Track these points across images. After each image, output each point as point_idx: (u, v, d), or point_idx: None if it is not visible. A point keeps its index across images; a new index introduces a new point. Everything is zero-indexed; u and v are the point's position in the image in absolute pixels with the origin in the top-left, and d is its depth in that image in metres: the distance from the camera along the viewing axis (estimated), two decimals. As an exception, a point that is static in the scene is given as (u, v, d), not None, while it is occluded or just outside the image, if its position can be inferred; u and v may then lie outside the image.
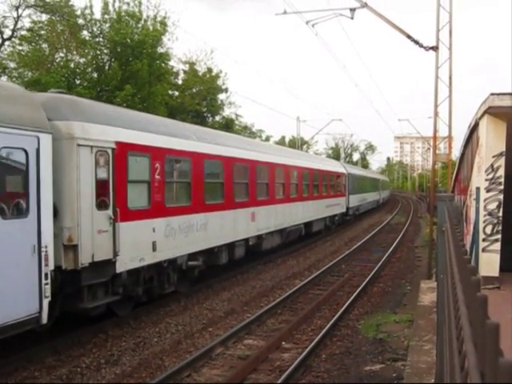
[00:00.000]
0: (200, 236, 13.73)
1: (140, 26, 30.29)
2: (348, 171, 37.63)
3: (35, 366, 8.79)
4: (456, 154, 29.09)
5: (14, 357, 8.81)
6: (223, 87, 41.92)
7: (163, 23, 31.40)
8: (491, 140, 10.90)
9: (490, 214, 11.12)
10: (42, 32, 28.83)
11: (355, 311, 13.04)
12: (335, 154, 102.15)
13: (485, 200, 11.14)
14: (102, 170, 10.16)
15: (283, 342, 10.30)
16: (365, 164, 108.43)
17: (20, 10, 26.72)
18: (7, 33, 27.48)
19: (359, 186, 42.93)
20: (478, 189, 11.29)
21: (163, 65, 32.01)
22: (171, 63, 35.35)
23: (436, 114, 18.39)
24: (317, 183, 27.29)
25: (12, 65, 29.64)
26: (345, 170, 36.95)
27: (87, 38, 29.63)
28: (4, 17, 26.91)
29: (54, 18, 28.06)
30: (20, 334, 8.43)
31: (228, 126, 41.01)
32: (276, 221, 20.05)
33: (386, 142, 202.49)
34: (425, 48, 17.81)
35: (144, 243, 11.33)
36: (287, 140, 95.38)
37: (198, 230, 13.60)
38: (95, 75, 29.92)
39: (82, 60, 29.95)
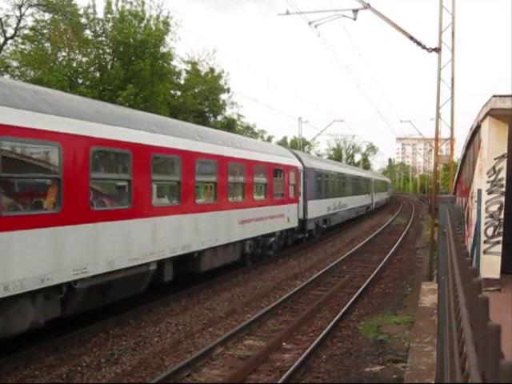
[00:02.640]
0: None
1: (143, 25, 30.41)
2: (306, 164, 25.35)
3: (35, 364, 8.80)
4: (458, 155, 29.11)
5: (14, 355, 8.81)
6: (225, 87, 42.03)
7: (166, 23, 31.51)
8: (493, 142, 10.89)
9: (491, 216, 11.10)
10: (45, 31, 28.94)
11: (356, 312, 13.03)
12: (337, 155, 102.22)
13: (486, 202, 11.13)
14: None
15: (284, 343, 10.29)
16: (366, 165, 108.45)
17: (23, 9, 26.83)
18: (10, 32, 27.59)
19: (330, 187, 31.63)
20: (479, 191, 11.27)
21: (165, 64, 32.10)
22: (173, 63, 35.51)
23: (438, 115, 18.37)
24: (214, 181, 15.02)
25: (14, 64, 29.75)
26: (299, 162, 24.38)
27: (90, 37, 29.74)
28: (7, 15, 27.02)
29: (56, 17, 28.16)
30: (20, 332, 8.44)
31: (230, 126, 41.03)
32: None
33: (388, 144, 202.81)
34: (427, 49, 17.80)
35: None
36: (289, 141, 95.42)
37: None
38: (97, 74, 30.00)
39: (85, 59, 30.07)
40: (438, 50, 17.76)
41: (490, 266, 10.91)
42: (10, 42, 28.16)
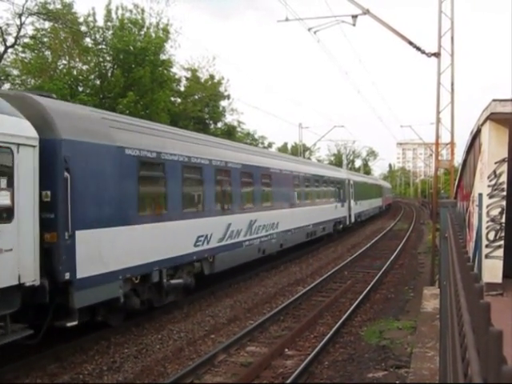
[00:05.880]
0: None
1: (143, 33, 30.46)
2: (69, 135, 9.07)
3: (37, 373, 8.78)
4: (458, 160, 29.07)
5: (16, 364, 8.79)
6: (225, 94, 42.09)
7: (166, 30, 31.57)
8: (493, 146, 10.89)
9: (492, 220, 11.09)
10: (45, 39, 28.99)
11: (358, 318, 13.00)
12: (337, 161, 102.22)
13: (487, 206, 11.11)
14: None
15: (286, 349, 10.27)
16: (367, 170, 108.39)
17: (23, 18, 26.83)
18: (10, 40, 27.60)
19: (213, 190, 14.81)
20: (480, 195, 11.25)
21: (165, 72, 32.12)
22: (173, 70, 35.50)
23: (438, 120, 18.38)
24: None
25: (15, 72, 29.81)
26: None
27: (90, 45, 29.79)
28: (7, 24, 27.02)
29: (56, 25, 28.19)
30: (22, 341, 8.42)
31: (230, 132, 41.05)
32: None
33: (389, 149, 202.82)
34: (427, 54, 17.82)
35: None
36: (289, 147, 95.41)
37: None
38: (98, 82, 30.06)
39: (85, 67, 30.12)
40: (437, 54, 17.79)
41: (492, 270, 10.89)
42: (10, 50, 28.20)
